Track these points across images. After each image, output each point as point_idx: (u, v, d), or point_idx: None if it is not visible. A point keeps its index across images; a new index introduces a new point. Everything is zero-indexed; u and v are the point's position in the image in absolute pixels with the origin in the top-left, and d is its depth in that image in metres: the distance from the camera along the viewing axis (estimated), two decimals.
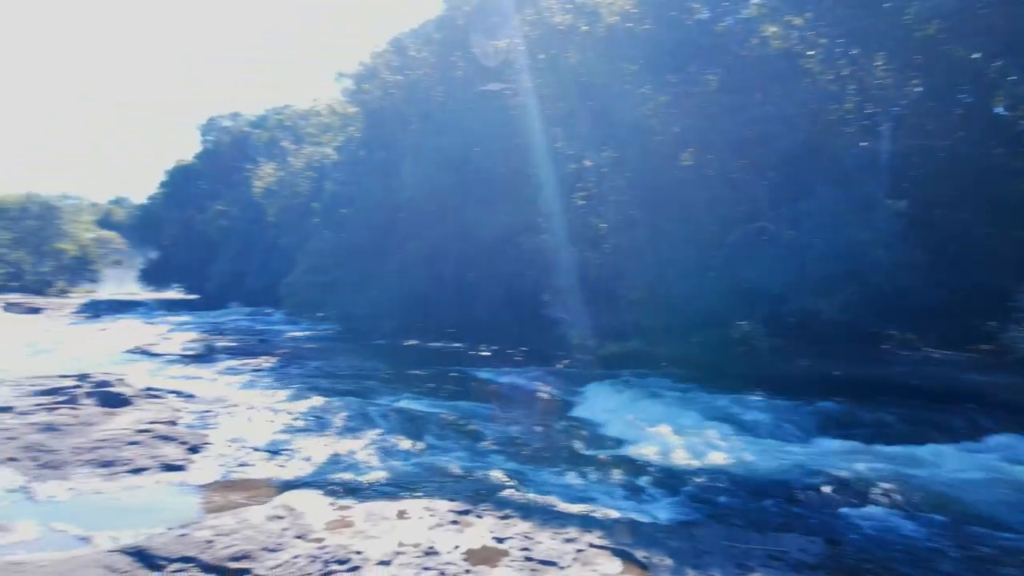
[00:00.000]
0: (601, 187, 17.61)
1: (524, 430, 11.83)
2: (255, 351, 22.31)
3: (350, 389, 15.60)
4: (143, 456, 8.96)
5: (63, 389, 12.70)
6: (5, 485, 7.85)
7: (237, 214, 47.80)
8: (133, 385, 13.77)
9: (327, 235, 27.35)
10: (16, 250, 72.11)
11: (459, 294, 21.68)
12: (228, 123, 58.57)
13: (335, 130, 32.40)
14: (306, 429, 10.96)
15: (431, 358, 22.12)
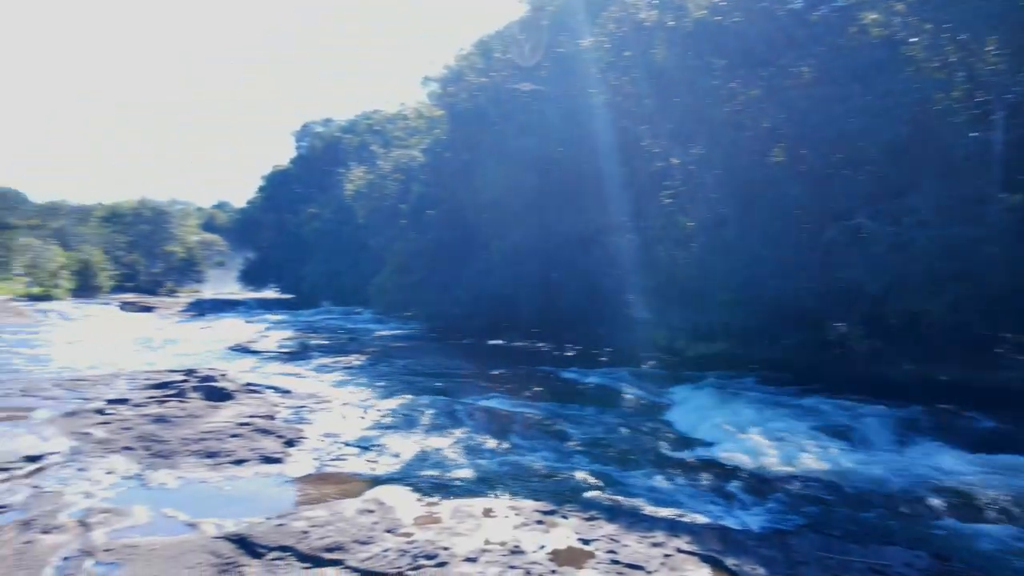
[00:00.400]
0: (689, 185, 17.23)
1: (609, 431, 11.73)
2: (346, 349, 23.09)
3: (437, 387, 15.89)
4: (244, 448, 9.42)
5: (172, 383, 13.52)
6: (122, 472, 8.42)
7: (329, 216, 49.54)
8: (235, 381, 14.50)
9: (413, 236, 27.93)
10: (131, 253, 77.29)
11: (543, 294, 21.68)
12: (320, 129, 60.78)
13: (422, 133, 33.07)
14: (395, 426, 11.24)
15: (516, 358, 22.26)
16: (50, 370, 17.91)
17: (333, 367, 19.18)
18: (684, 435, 11.94)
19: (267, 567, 5.74)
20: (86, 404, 11.74)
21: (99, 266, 60.37)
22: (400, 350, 22.98)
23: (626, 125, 19.03)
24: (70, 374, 16.52)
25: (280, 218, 59.16)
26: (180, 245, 76.75)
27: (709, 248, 15.92)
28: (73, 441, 9.37)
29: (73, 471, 8.29)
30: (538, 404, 14.10)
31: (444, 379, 17.28)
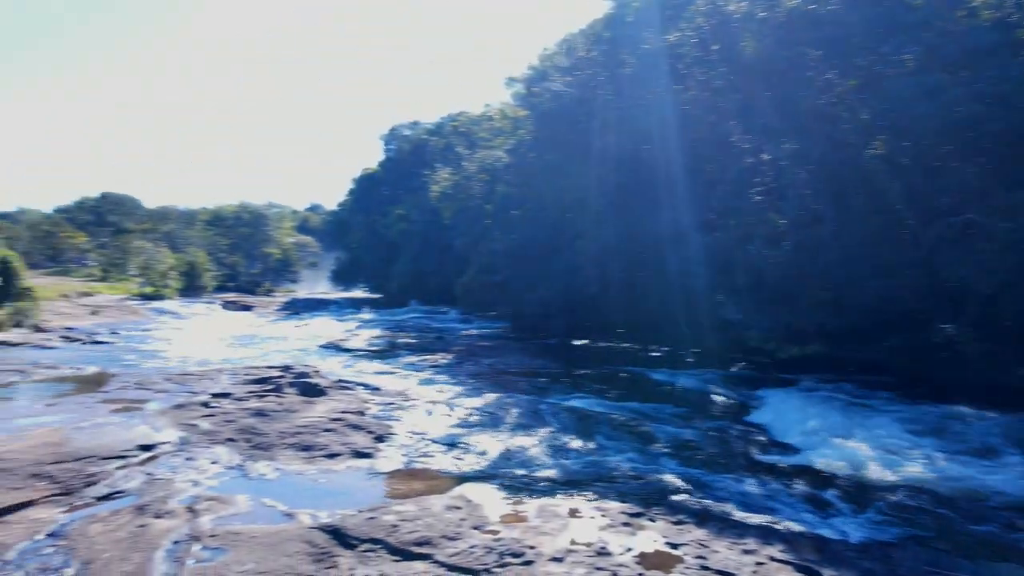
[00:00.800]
0: (780, 181, 16.62)
1: (698, 434, 11.48)
2: (432, 348, 23.54)
3: (521, 387, 15.98)
4: (336, 443, 9.76)
5: (270, 379, 14.16)
6: (225, 462, 8.89)
7: (416, 217, 50.66)
8: (327, 377, 15.04)
9: (498, 236, 28.20)
10: (232, 254, 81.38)
11: (628, 294, 21.43)
12: (408, 131, 62.23)
13: (506, 134, 33.33)
14: (481, 424, 11.38)
15: (601, 358, 22.13)
16: (161, 365, 19.10)
17: (420, 365, 19.61)
18: (776, 439, 11.56)
19: (359, 558, 5.94)
20: (193, 398, 12.46)
21: (203, 267, 63.80)
22: (485, 349, 23.24)
23: (714, 121, 18.58)
24: (178, 369, 17.56)
25: (369, 219, 60.94)
26: (276, 247, 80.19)
27: (802, 246, 15.31)
28: (181, 432, 9.97)
29: (182, 460, 8.82)
30: (624, 405, 13.96)
31: (529, 379, 17.37)
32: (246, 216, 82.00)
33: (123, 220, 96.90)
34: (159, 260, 59.69)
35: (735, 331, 18.42)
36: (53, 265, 78.23)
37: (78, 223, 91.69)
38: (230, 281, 74.78)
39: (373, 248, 59.21)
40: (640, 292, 21.14)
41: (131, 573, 5.48)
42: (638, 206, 20.18)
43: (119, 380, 14.88)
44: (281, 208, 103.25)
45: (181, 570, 5.55)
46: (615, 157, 19.74)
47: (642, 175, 19.59)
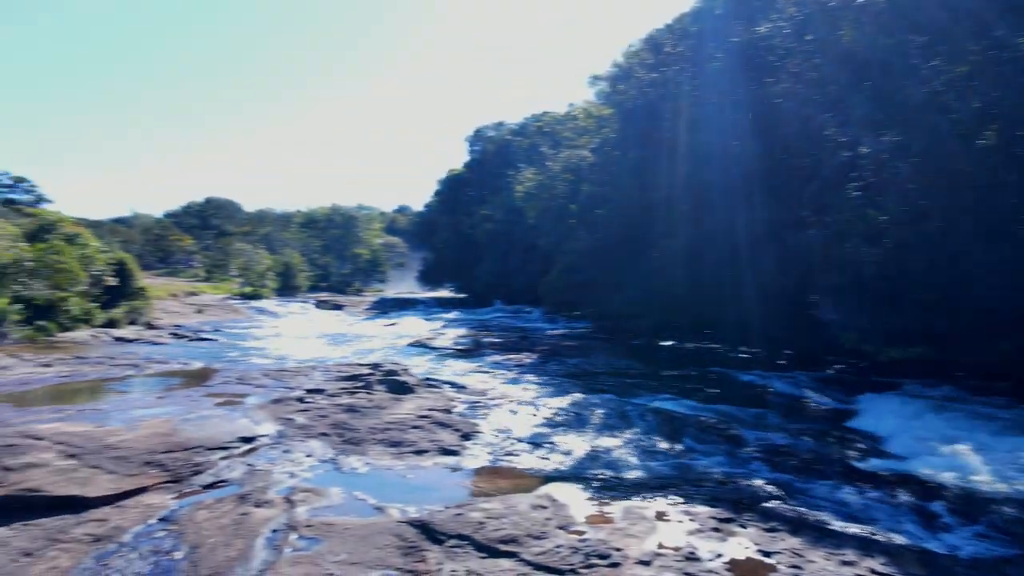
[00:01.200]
0: (880, 176, 15.80)
1: (791, 438, 11.08)
2: (517, 347, 23.69)
3: (607, 387, 15.87)
4: (424, 439, 9.97)
5: (360, 376, 14.62)
6: (319, 455, 9.23)
7: (500, 218, 51.14)
8: (415, 375, 15.38)
9: (583, 235, 28.10)
10: (324, 255, 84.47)
11: (716, 294, 20.90)
12: (492, 132, 62.83)
13: (590, 133, 33.15)
14: (566, 424, 11.36)
15: (688, 359, 21.70)
16: (259, 361, 20.04)
17: (505, 364, 19.77)
18: (876, 446, 11.02)
19: (446, 553, 6.05)
20: (288, 393, 13.01)
21: (298, 268, 66.51)
22: (570, 349, 23.20)
23: (807, 114, 17.87)
24: (275, 366, 18.37)
25: (454, 220, 61.94)
26: (366, 248, 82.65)
27: (905, 244, 14.52)
28: (279, 426, 10.43)
29: (279, 452, 9.23)
30: (712, 407, 13.64)
31: (614, 379, 17.23)
32: (337, 218, 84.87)
33: (225, 223, 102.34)
34: (257, 261, 62.59)
35: (830, 332, 17.64)
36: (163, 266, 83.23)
37: (184, 227, 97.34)
38: (322, 281, 77.66)
39: (458, 248, 60.17)
40: (728, 292, 20.58)
41: (234, 558, 5.78)
42: (726, 203, 19.67)
43: (221, 375, 15.71)
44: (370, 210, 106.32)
45: (279, 558, 5.81)
46: (703, 153, 19.30)
47: (731, 171, 19.08)
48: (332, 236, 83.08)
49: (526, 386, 16.01)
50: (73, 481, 7.35)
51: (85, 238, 31.71)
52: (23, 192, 55.98)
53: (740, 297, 20.14)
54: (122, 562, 5.76)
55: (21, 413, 10.91)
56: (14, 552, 5.84)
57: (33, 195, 56.21)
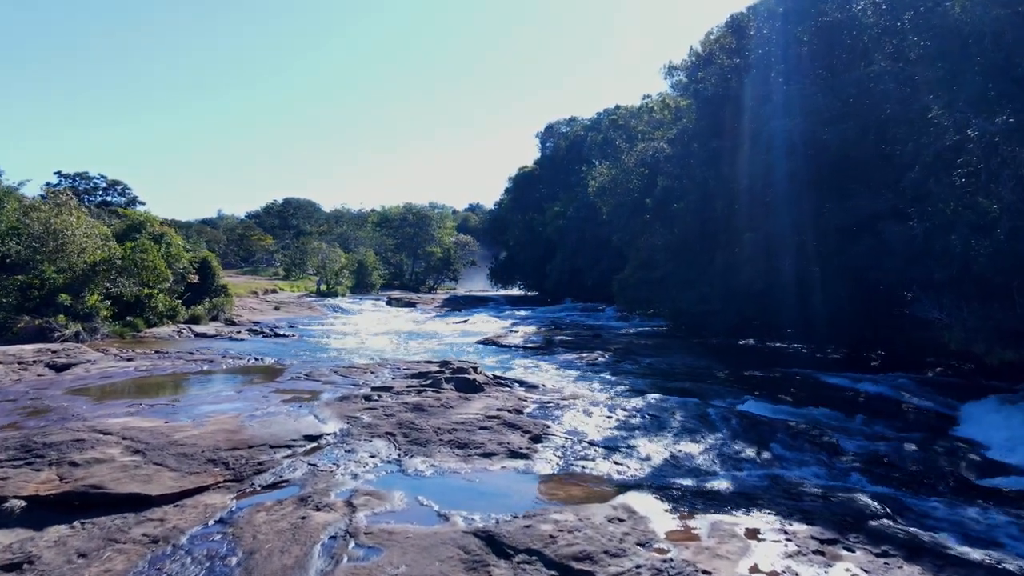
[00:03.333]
0: (991, 161, 14.37)
1: (893, 448, 10.07)
2: (590, 346, 23.04)
3: (685, 388, 15.07)
4: (492, 441, 9.49)
5: (429, 374, 14.30)
6: (384, 456, 8.88)
7: (572, 214, 50.49)
8: (484, 373, 14.97)
9: (658, 230, 27.16)
10: (398, 253, 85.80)
11: (801, 290, 19.67)
12: (564, 128, 62.25)
13: (666, 125, 32.07)
14: (643, 427, 10.67)
15: (769, 359, 20.57)
16: (330, 357, 20.09)
17: (578, 364, 19.15)
18: (992, 458, 9.89)
19: (514, 570, 5.53)
20: (356, 390, 12.80)
21: (372, 266, 67.59)
22: (644, 348, 22.40)
23: (907, 96, 16.52)
24: (345, 362, 18.33)
25: (525, 217, 61.64)
26: (438, 246, 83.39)
27: (1020, 234, 13.15)
28: (344, 424, 10.15)
29: (343, 452, 8.93)
30: (801, 411, 12.69)
31: (692, 380, 16.38)
32: (411, 217, 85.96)
33: (303, 223, 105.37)
34: (333, 260, 63.84)
35: (931, 331, 16.29)
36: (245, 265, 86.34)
37: (266, 226, 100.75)
38: (396, 279, 78.91)
39: (529, 246, 59.83)
40: (813, 289, 19.34)
41: (289, 567, 5.43)
42: (813, 194, 18.45)
43: (291, 371, 15.70)
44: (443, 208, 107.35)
45: (336, 568, 5.42)
46: (787, 142, 18.13)
47: (819, 160, 17.85)
48: (405, 235, 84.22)
49: (600, 386, 15.36)
50: (136, 478, 7.21)
51: (170, 237, 32.86)
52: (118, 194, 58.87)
53: (826, 294, 18.88)
54: (176, 567, 5.48)
55: (96, 407, 11.04)
56: (70, 552, 5.66)
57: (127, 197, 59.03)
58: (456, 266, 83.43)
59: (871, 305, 18.43)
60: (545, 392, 13.73)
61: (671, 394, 13.96)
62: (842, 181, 17.70)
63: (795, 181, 18.76)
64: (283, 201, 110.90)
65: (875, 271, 17.43)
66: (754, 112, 20.16)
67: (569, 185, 55.78)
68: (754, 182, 19.70)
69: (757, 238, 19.98)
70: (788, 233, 19.23)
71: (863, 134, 17.23)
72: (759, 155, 19.58)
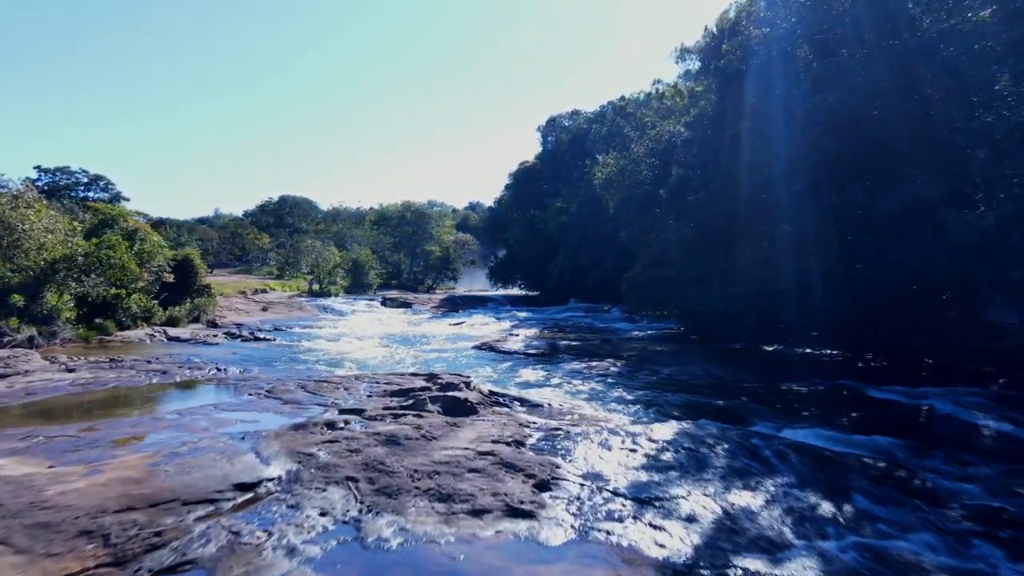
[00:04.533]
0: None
1: (1005, 494, 7.72)
2: (599, 352, 20.66)
3: (718, 408, 12.73)
4: (485, 491, 7.14)
5: (412, 391, 11.95)
6: (339, 514, 6.55)
7: (575, 210, 48.12)
8: (478, 389, 12.64)
9: (672, 225, 24.81)
10: (396, 252, 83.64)
11: (835, 290, 17.34)
12: (567, 122, 59.82)
13: (678, 113, 29.67)
14: (679, 467, 8.31)
15: (803, 368, 18.20)
16: (305, 367, 17.76)
17: (587, 374, 16.79)
18: None
19: None
20: (321, 413, 10.48)
21: (369, 265, 65.21)
22: (660, 355, 20.01)
23: (971, 67, 14.17)
24: (320, 373, 16.02)
25: (526, 214, 59.26)
26: (437, 245, 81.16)
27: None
28: (293, 464, 7.81)
29: (284, 508, 6.60)
30: (865, 440, 10.33)
31: (723, 396, 14.01)
32: (409, 215, 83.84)
33: (299, 221, 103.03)
34: (327, 259, 61.50)
35: (1003, 338, 13.96)
36: (239, 264, 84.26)
37: (261, 225, 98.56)
38: (393, 279, 76.71)
39: (530, 244, 57.40)
40: (853, 287, 16.99)
41: None
42: (857, 180, 16.10)
43: (252, 386, 13.34)
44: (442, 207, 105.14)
45: None
46: (829, 120, 15.76)
47: (867, 140, 15.48)
48: (404, 233, 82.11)
49: (616, 404, 13.00)
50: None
51: (144, 233, 30.44)
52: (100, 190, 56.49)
53: (869, 293, 16.54)
54: None
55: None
56: None
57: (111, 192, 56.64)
58: (455, 265, 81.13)
59: (923, 306, 16.09)
60: (551, 414, 11.41)
61: (701, 414, 11.63)
62: (894, 164, 15.36)
63: (835, 166, 16.42)
64: (279, 199, 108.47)
65: (931, 268, 15.10)
66: (786, 87, 17.78)
67: (571, 180, 53.42)
68: (787, 168, 17.31)
69: (791, 231, 17.62)
70: (826, 225, 16.90)
71: (919, 111, 14.89)
72: (793, 138, 17.20)
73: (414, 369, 16.43)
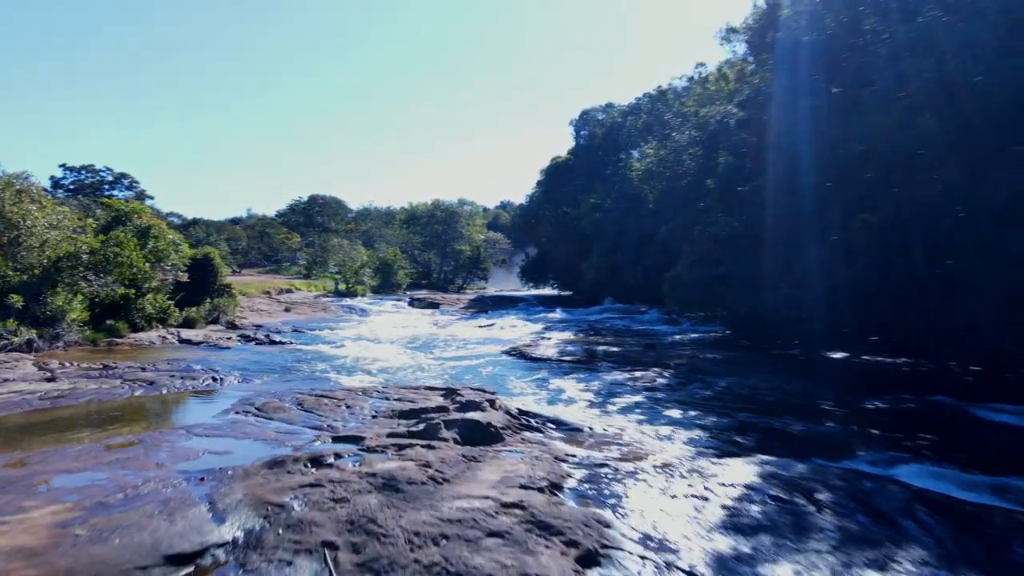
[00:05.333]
0: None
1: None
2: (642, 360, 18.41)
3: (797, 434, 10.47)
4: (509, 570, 5.07)
5: (426, 412, 9.92)
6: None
7: (610, 206, 45.73)
8: (504, 408, 10.57)
9: (720, 219, 22.46)
10: (426, 251, 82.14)
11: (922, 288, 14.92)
12: (600, 115, 57.29)
13: (723, 99, 27.22)
14: (770, 528, 6.11)
15: (884, 380, 15.76)
16: (316, 373, 15.92)
17: (631, 387, 14.61)
18: None
19: None
20: (311, 441, 8.50)
21: (398, 264, 63.63)
22: (712, 364, 17.71)
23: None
24: (329, 382, 14.15)
25: (559, 212, 56.88)
26: (467, 244, 79.41)
27: None
28: (257, 519, 5.83)
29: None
30: (1000, 482, 8.03)
31: (798, 416, 11.71)
32: (439, 214, 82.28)
33: (328, 220, 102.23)
34: (354, 258, 60.07)
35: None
36: (268, 264, 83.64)
37: (291, 224, 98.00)
38: (423, 279, 75.16)
39: (563, 241, 54.97)
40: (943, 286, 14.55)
41: None
42: (961, 161, 13.65)
43: (243, 401, 11.44)
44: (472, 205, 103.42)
45: None
46: (926, 91, 13.34)
47: (973, 114, 13.03)
48: (434, 232, 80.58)
49: (670, 429, 10.81)
50: None
51: (159, 231, 28.90)
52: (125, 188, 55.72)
53: (965, 294, 14.08)
54: None
55: None
56: None
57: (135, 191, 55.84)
58: (486, 264, 79.17)
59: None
60: (594, 442, 9.30)
61: (777, 441, 9.45)
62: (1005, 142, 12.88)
63: (926, 146, 13.98)
64: (308, 198, 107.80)
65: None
66: (857, 61, 15.38)
67: (605, 176, 51.04)
68: (868, 148, 14.90)
69: (871, 223, 15.18)
70: (916, 216, 14.46)
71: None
72: (867, 114, 14.81)
73: (434, 378, 14.49)
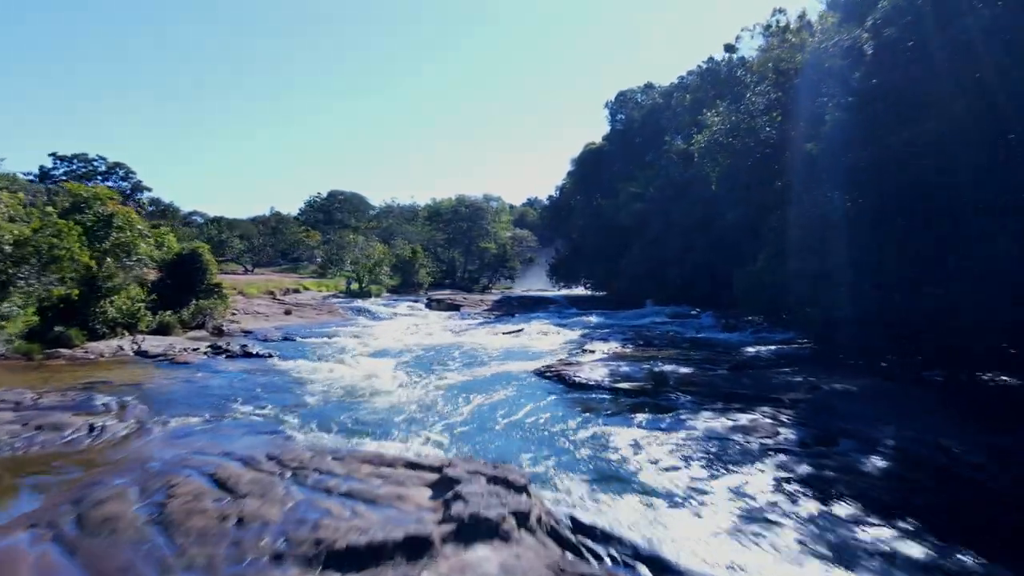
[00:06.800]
0: None
1: None
2: (737, 392, 12.98)
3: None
4: None
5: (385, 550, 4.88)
6: None
7: (653, 195, 40.40)
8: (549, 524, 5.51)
9: (821, 199, 17.15)
10: (449, 249, 77.71)
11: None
12: (640, 97, 51.86)
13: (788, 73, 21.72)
14: None
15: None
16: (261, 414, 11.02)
17: (735, 444, 9.38)
18: None
19: None
20: None
21: (419, 262, 59.08)
22: (845, 400, 12.29)
23: None
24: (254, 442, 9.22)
25: (592, 202, 51.59)
26: (493, 241, 74.89)
27: None
28: None
29: None
30: None
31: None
32: (463, 210, 77.91)
33: (348, 217, 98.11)
34: (369, 255, 55.48)
35: None
36: (283, 262, 79.87)
37: (311, 222, 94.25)
38: (447, 278, 70.78)
39: (597, 236, 49.44)
40: None
41: None
42: None
43: (57, 506, 6.51)
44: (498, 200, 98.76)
45: None
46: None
47: None
48: (458, 229, 76.10)
49: (842, 570, 5.67)
50: None
51: (124, 220, 24.17)
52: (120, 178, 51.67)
53: None
54: None
55: None
56: None
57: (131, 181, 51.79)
58: (512, 263, 74.32)
59: None
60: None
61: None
62: None
63: None
64: (328, 194, 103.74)
65: None
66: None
67: (645, 163, 45.81)
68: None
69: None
70: None
71: None
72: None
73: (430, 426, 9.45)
